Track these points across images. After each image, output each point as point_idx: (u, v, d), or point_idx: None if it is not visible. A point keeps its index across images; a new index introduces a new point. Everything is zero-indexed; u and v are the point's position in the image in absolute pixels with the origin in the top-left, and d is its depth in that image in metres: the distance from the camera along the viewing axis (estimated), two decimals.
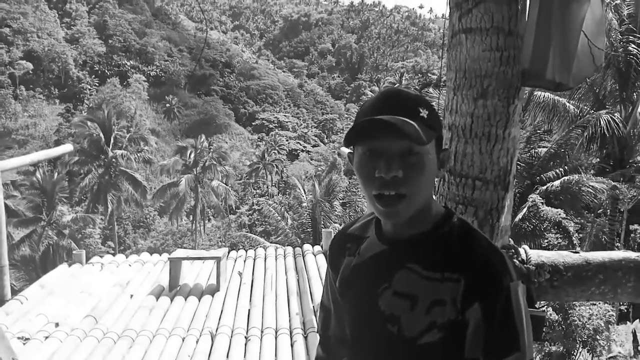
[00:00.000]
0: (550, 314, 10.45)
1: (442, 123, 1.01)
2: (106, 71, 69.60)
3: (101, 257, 5.94)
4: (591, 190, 13.84)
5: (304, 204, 17.91)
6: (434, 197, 1.06)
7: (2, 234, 4.40)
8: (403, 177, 0.93)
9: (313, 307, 4.43)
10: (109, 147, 31.70)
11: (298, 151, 66.13)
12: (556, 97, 14.81)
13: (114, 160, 31.57)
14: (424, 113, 0.95)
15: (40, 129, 59.01)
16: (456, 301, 0.93)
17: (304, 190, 19.35)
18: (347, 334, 1.11)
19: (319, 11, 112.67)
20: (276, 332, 3.99)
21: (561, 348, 11.16)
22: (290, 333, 3.98)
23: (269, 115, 75.55)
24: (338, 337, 1.21)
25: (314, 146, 68.63)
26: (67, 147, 6.23)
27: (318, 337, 1.30)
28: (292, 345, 3.79)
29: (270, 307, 4.45)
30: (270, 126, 72.84)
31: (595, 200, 14.90)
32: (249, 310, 4.46)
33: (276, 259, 5.78)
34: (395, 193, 0.93)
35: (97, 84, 67.70)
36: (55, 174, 27.50)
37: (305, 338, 3.89)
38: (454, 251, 0.96)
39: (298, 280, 5.12)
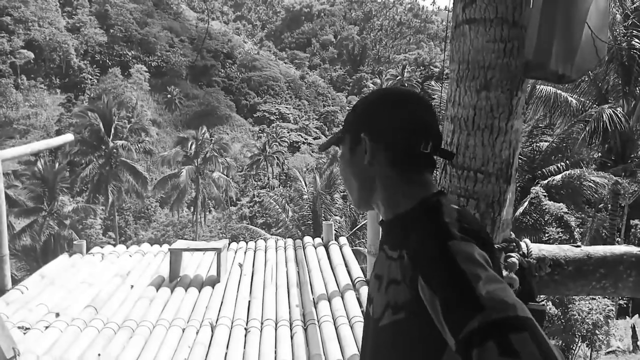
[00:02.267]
0: (550, 308, 10.48)
1: (362, 119, 1.05)
2: (107, 61, 69.36)
3: (102, 247, 5.94)
4: (592, 185, 13.81)
5: (305, 197, 17.93)
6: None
7: (3, 224, 4.40)
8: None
9: (313, 299, 4.44)
10: (109, 137, 31.69)
11: (299, 143, 66.06)
12: (558, 91, 14.76)
13: (114, 150, 31.58)
14: (350, 117, 1.10)
15: (42, 118, 58.93)
16: (406, 279, 0.88)
17: (305, 182, 19.36)
18: None
19: (321, 2, 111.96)
20: (276, 324, 4.00)
21: (560, 342, 11.20)
22: (290, 325, 3.99)
23: (271, 107, 75.37)
24: None
25: (315, 138, 68.54)
26: (68, 137, 6.21)
27: None
28: (291, 337, 3.80)
29: (271, 299, 4.46)
30: (272, 118, 72.70)
31: (596, 195, 14.87)
32: (249, 301, 4.46)
33: (276, 251, 5.78)
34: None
35: (98, 74, 67.52)
36: (56, 164, 27.55)
37: (305, 330, 3.89)
38: (406, 230, 0.95)
39: (298, 272, 5.13)
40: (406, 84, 58.49)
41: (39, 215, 24.76)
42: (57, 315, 4.04)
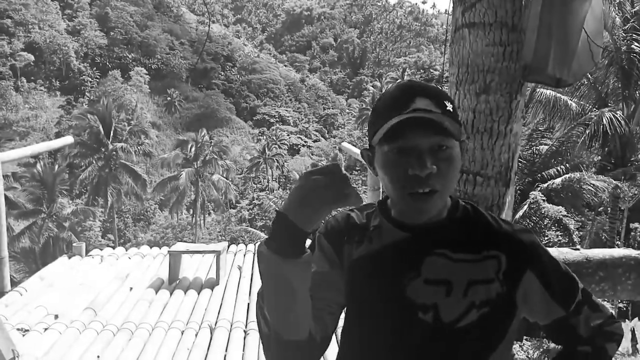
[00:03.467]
0: None
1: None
2: (107, 64, 69.43)
3: (101, 249, 5.94)
4: (592, 189, 13.81)
5: None
6: None
7: (2, 226, 4.40)
8: (436, 173, 0.91)
9: None
10: (109, 139, 31.70)
11: (299, 146, 66.07)
12: (557, 95, 14.78)
13: (114, 153, 31.58)
14: (449, 106, 0.93)
15: (41, 121, 58.93)
16: (498, 275, 0.96)
17: None
18: (359, 323, 1.04)
19: (321, 5, 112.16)
20: None
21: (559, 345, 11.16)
22: None
23: (270, 109, 75.41)
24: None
25: (315, 141, 68.58)
26: (68, 139, 6.21)
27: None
28: None
29: None
30: (272, 120, 72.71)
31: (596, 199, 14.87)
32: (248, 304, 4.46)
33: None
34: (430, 190, 0.91)
35: (98, 77, 67.59)
36: (56, 166, 27.54)
37: None
38: (484, 230, 1.00)
39: None
40: None
41: (38, 217, 24.74)
42: (56, 317, 4.04)
